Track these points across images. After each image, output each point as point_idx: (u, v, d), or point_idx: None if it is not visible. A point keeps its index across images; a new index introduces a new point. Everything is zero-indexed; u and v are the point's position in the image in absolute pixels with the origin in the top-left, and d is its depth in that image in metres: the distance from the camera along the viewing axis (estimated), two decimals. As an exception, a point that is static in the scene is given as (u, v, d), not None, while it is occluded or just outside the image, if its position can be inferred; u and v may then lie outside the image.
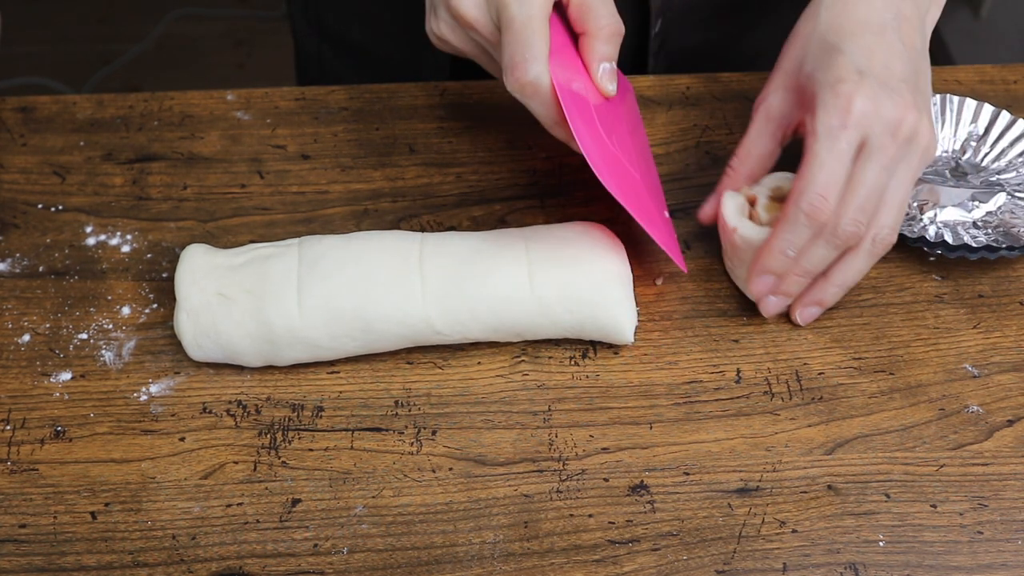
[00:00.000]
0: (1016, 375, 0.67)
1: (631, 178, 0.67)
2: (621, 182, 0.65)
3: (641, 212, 0.65)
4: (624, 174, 0.66)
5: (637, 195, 0.66)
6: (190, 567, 0.59)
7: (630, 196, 0.65)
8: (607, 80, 0.67)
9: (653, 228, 0.66)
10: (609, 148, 0.65)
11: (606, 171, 0.63)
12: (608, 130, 0.67)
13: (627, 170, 0.67)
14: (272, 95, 0.82)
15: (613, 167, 0.65)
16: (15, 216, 0.75)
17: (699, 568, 0.59)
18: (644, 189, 0.68)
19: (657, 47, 0.86)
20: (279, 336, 0.64)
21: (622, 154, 0.67)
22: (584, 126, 0.63)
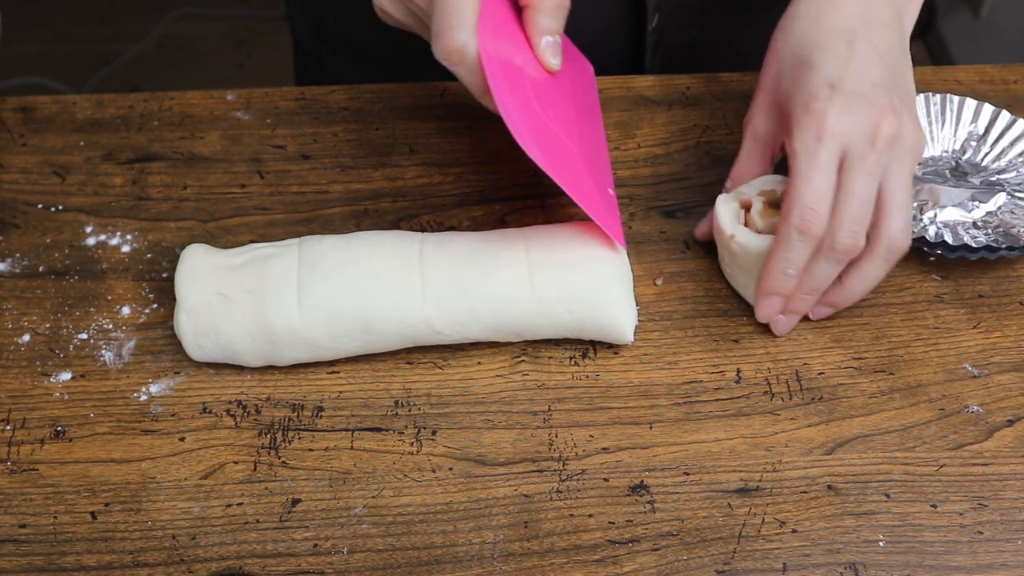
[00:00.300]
0: (1016, 375, 0.67)
1: (565, 151, 0.66)
2: (550, 152, 0.64)
3: (570, 182, 0.64)
4: (557, 146, 0.65)
5: (572, 170, 0.65)
6: (190, 567, 0.59)
7: (559, 167, 0.64)
8: (550, 54, 0.67)
9: (587, 202, 0.65)
10: (542, 120, 0.64)
11: (531, 140, 0.62)
12: (546, 103, 0.66)
13: (562, 143, 0.66)
14: (272, 95, 0.82)
15: (543, 138, 0.64)
16: (15, 216, 0.75)
17: (699, 568, 0.59)
18: (582, 163, 0.67)
19: (654, 42, 0.86)
20: (279, 336, 0.64)
21: (559, 128, 0.66)
22: (511, 95, 0.62)
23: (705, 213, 0.74)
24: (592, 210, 0.65)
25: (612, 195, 0.71)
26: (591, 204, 0.65)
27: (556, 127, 0.66)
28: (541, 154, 0.62)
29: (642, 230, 0.74)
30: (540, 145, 0.62)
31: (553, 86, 0.68)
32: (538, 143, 0.62)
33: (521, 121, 0.62)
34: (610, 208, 0.69)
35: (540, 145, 0.62)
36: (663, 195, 0.76)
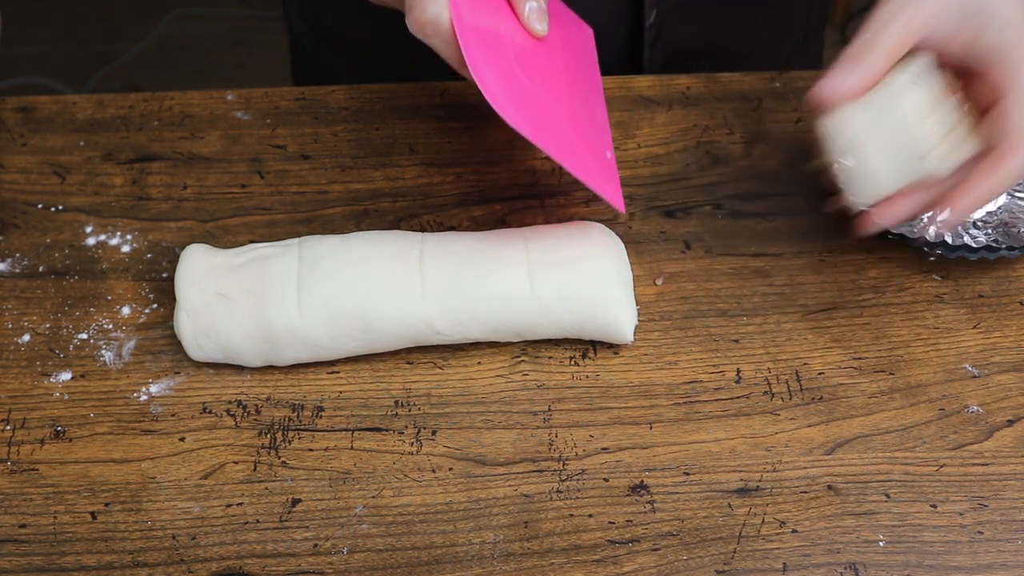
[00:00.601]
0: (1016, 375, 0.67)
1: (554, 117, 0.65)
2: (535, 119, 0.63)
3: (564, 152, 0.63)
4: (545, 113, 0.64)
5: (562, 136, 0.65)
6: (190, 567, 0.59)
7: (546, 133, 0.63)
8: (535, 19, 0.66)
9: (578, 168, 0.64)
10: (530, 89, 0.64)
11: (515, 111, 0.61)
12: (532, 71, 0.65)
13: (550, 109, 0.65)
14: (272, 95, 0.82)
15: (527, 105, 0.63)
16: (15, 216, 0.75)
17: (699, 568, 0.59)
18: (574, 131, 0.66)
19: (652, 39, 0.86)
20: (279, 336, 0.64)
21: (550, 96, 0.65)
22: (488, 64, 0.62)
23: (705, 213, 0.75)
24: (583, 174, 0.64)
25: (611, 159, 0.69)
26: (583, 169, 0.64)
27: (544, 94, 0.65)
28: (524, 121, 0.61)
29: (642, 230, 0.74)
30: (523, 112, 0.62)
31: (542, 53, 0.67)
32: (520, 110, 0.62)
33: (499, 89, 0.61)
34: (607, 172, 0.68)
35: (523, 112, 0.62)
36: (663, 195, 0.76)
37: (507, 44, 0.64)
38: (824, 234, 0.74)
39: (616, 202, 0.66)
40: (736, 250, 0.73)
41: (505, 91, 0.62)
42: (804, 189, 0.76)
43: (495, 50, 0.63)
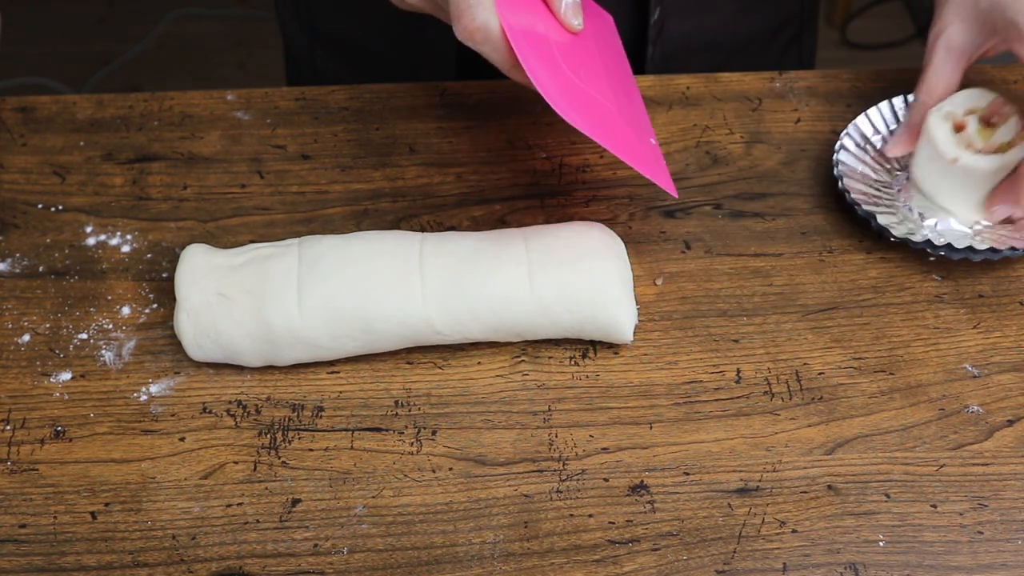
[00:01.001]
0: (1016, 375, 0.67)
1: (605, 112, 0.66)
2: (592, 117, 0.63)
3: (618, 144, 0.64)
4: (597, 109, 0.65)
5: (612, 128, 0.65)
6: (190, 567, 0.59)
7: (603, 130, 0.63)
8: (571, 15, 0.66)
9: (633, 158, 0.64)
10: (576, 84, 0.64)
11: (571, 109, 0.61)
12: (576, 66, 0.65)
13: (600, 104, 0.65)
14: (272, 95, 0.82)
15: (581, 103, 0.63)
16: (15, 216, 0.75)
17: (699, 568, 0.59)
18: (622, 121, 0.67)
19: (655, 35, 0.86)
20: (279, 336, 0.64)
21: (594, 89, 0.66)
22: (542, 65, 0.62)
23: (705, 213, 0.75)
24: (641, 166, 0.65)
25: (655, 144, 0.70)
26: (639, 160, 0.65)
27: (590, 88, 0.65)
28: (582, 120, 0.62)
29: (642, 230, 0.74)
30: (578, 111, 0.62)
31: (579, 46, 0.67)
32: (576, 109, 0.62)
33: (556, 89, 0.61)
34: (656, 160, 0.69)
35: (578, 111, 0.62)
36: (663, 195, 0.76)
37: (550, 42, 0.64)
38: (824, 234, 0.74)
39: (669, 187, 0.67)
40: (736, 250, 0.73)
41: (560, 90, 0.62)
42: (804, 189, 0.76)
43: (542, 50, 0.63)
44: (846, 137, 0.75)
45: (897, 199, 0.73)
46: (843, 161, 0.74)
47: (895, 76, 0.83)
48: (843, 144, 0.74)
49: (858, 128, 0.76)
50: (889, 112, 0.77)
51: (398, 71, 0.89)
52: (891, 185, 0.74)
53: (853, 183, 0.73)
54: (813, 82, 0.83)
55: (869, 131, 0.76)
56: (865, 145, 0.76)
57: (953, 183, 0.70)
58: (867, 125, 0.76)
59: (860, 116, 0.76)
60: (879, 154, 0.75)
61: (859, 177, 0.74)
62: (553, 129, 0.79)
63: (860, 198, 0.72)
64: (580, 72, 0.65)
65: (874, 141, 0.76)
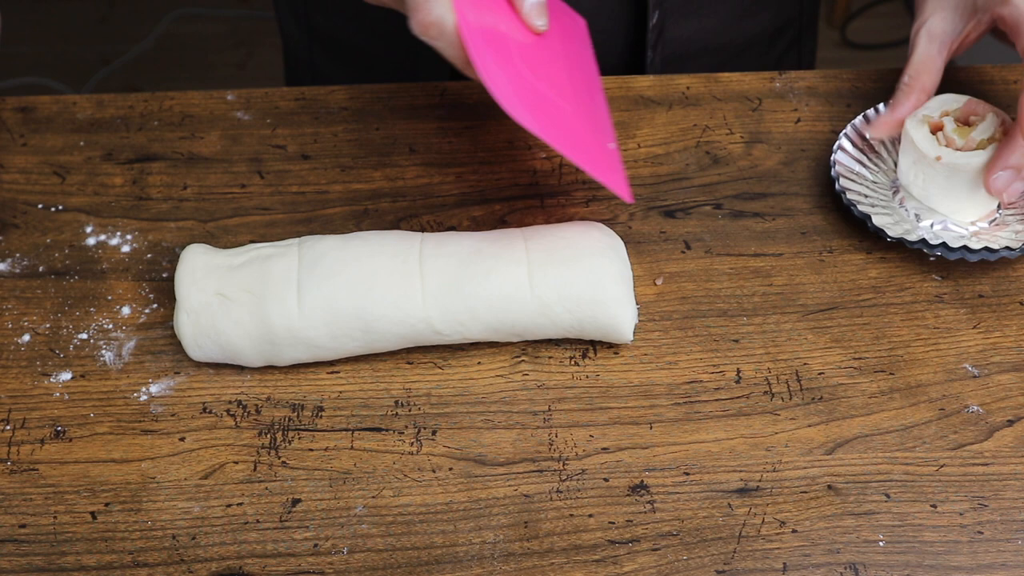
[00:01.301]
0: (1016, 375, 0.67)
1: (562, 114, 0.65)
2: (545, 118, 0.63)
3: (570, 147, 0.63)
4: (553, 111, 0.64)
5: (568, 130, 0.65)
6: (190, 567, 0.59)
7: (557, 132, 0.63)
8: (535, 15, 0.66)
9: (586, 160, 0.64)
10: (534, 85, 0.64)
11: (523, 108, 0.61)
12: (536, 67, 0.65)
13: (557, 106, 0.65)
14: (272, 95, 0.82)
15: (536, 104, 0.63)
16: (15, 216, 0.75)
17: (699, 568, 0.59)
18: (580, 124, 0.66)
19: (655, 38, 0.87)
20: (279, 336, 0.64)
21: (553, 91, 0.65)
22: (496, 64, 0.62)
23: (705, 213, 0.75)
24: (593, 170, 0.64)
25: (614, 149, 0.69)
26: (592, 164, 0.64)
27: (548, 89, 0.65)
28: (533, 120, 0.61)
29: (642, 230, 0.74)
30: (531, 111, 0.62)
31: (542, 47, 0.67)
32: (528, 109, 0.62)
33: (508, 89, 0.61)
34: (613, 164, 0.68)
35: (531, 111, 0.62)
36: (663, 195, 0.76)
37: (509, 41, 0.64)
38: (824, 234, 0.74)
39: (623, 193, 0.66)
40: (736, 250, 0.73)
41: (513, 89, 0.62)
42: (804, 189, 0.76)
43: (499, 49, 0.63)
44: (843, 138, 0.75)
45: (893, 200, 0.73)
46: (840, 161, 0.74)
47: (895, 76, 0.83)
48: (840, 145, 0.75)
49: (855, 129, 0.76)
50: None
51: (395, 71, 0.89)
52: (887, 186, 0.74)
53: (850, 184, 0.73)
54: (813, 82, 0.83)
55: (866, 132, 0.76)
56: (862, 146, 0.76)
57: (940, 184, 0.70)
58: (864, 126, 0.76)
59: (858, 117, 0.76)
60: (876, 155, 0.76)
61: (856, 178, 0.74)
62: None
63: (857, 199, 0.72)
64: (540, 73, 0.65)
65: (872, 141, 0.76)
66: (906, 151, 0.72)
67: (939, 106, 0.71)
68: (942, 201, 0.71)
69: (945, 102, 0.71)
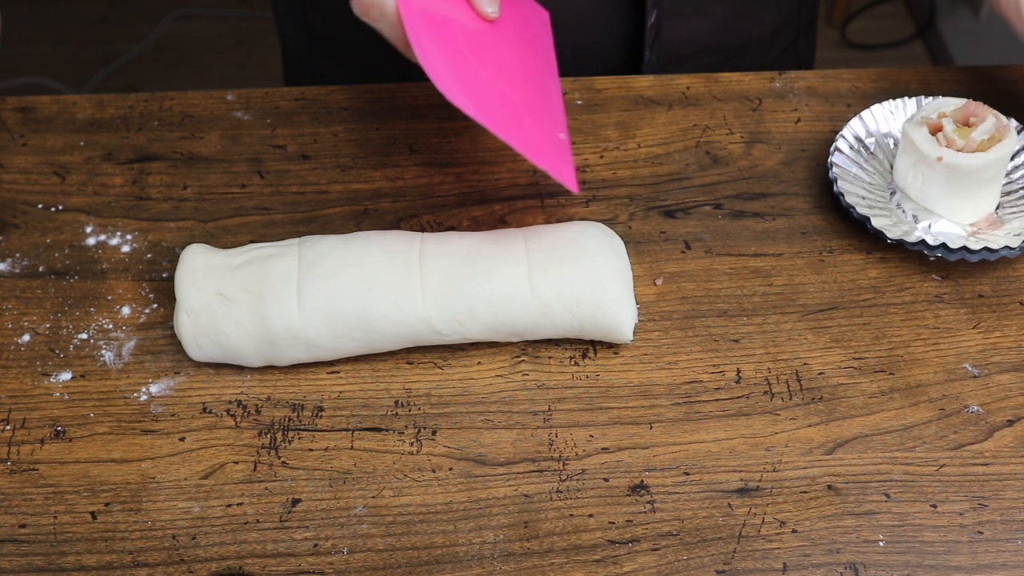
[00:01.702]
0: (1016, 375, 0.67)
1: (507, 101, 0.65)
2: (487, 104, 0.63)
3: (513, 134, 0.63)
4: (497, 98, 0.64)
5: (512, 117, 0.65)
6: (190, 567, 0.59)
7: (498, 118, 0.63)
8: (486, 3, 0.67)
9: (529, 148, 0.64)
10: (475, 70, 0.64)
11: (461, 93, 0.61)
12: (482, 53, 0.65)
13: (500, 92, 0.65)
14: (272, 95, 0.82)
15: (478, 90, 0.63)
16: (15, 216, 0.75)
17: (699, 568, 0.59)
18: (528, 113, 0.66)
19: (652, 38, 0.87)
20: (279, 336, 0.64)
21: (498, 77, 0.65)
22: (437, 47, 0.62)
23: (705, 213, 0.75)
24: (535, 156, 0.64)
25: (564, 139, 0.69)
26: (535, 151, 0.64)
27: (495, 77, 0.65)
28: (469, 101, 0.61)
29: (642, 230, 0.74)
30: (469, 94, 0.62)
31: (494, 35, 0.67)
32: (467, 92, 0.62)
33: (446, 71, 0.61)
34: (560, 152, 0.67)
35: (469, 94, 0.62)
36: (663, 195, 0.76)
37: (456, 27, 0.64)
38: (824, 234, 0.74)
39: (567, 181, 0.65)
40: (736, 250, 0.73)
41: (451, 72, 0.62)
42: (804, 189, 0.76)
43: (443, 33, 0.63)
44: (841, 139, 0.75)
45: (890, 202, 0.73)
46: (837, 163, 0.74)
47: (895, 76, 0.83)
48: (837, 147, 0.75)
49: (852, 130, 0.76)
50: (883, 113, 0.77)
51: (394, 71, 0.89)
52: (884, 188, 0.74)
53: (848, 185, 0.73)
54: (813, 82, 0.83)
55: (863, 133, 0.76)
56: (859, 148, 0.76)
57: (939, 185, 0.70)
58: (861, 127, 0.76)
59: (855, 118, 0.76)
60: (872, 156, 0.76)
61: (853, 179, 0.74)
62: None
63: (855, 201, 0.72)
64: (487, 61, 0.65)
65: (868, 143, 0.76)
66: (905, 152, 0.71)
67: (937, 108, 0.71)
68: (940, 202, 0.71)
69: (943, 104, 0.71)
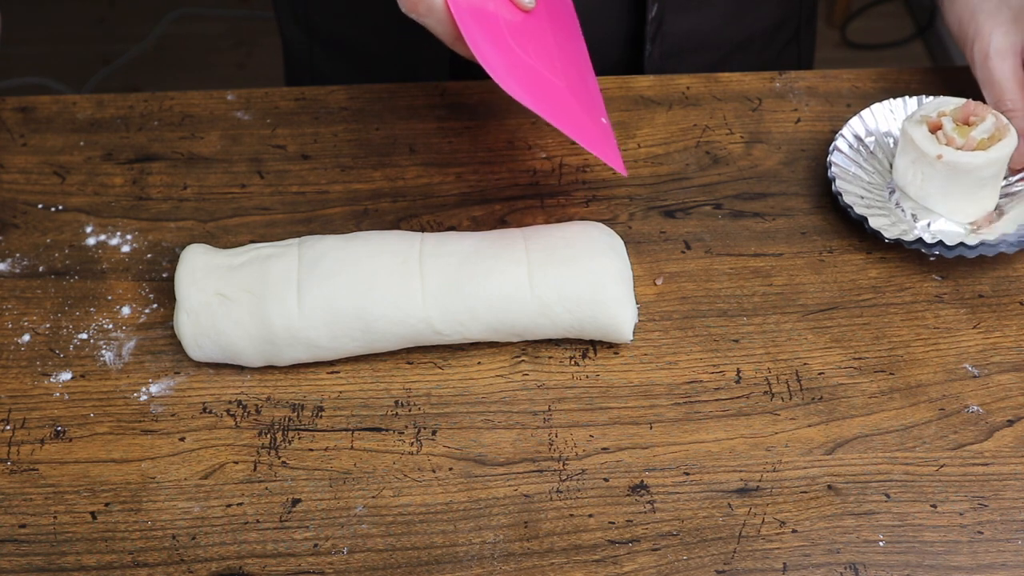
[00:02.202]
0: (1016, 375, 0.67)
1: (554, 89, 0.66)
2: (539, 93, 0.64)
3: (565, 121, 0.64)
4: (545, 86, 0.65)
5: (561, 105, 0.65)
6: (190, 567, 0.59)
7: (550, 106, 0.64)
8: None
9: (580, 134, 0.64)
10: (524, 62, 0.64)
11: (516, 84, 0.62)
12: (525, 44, 0.66)
13: (549, 82, 0.66)
14: (272, 95, 0.82)
15: (528, 80, 0.64)
16: (15, 216, 0.75)
17: (699, 568, 0.59)
18: (573, 99, 0.67)
19: (653, 32, 0.87)
20: (279, 336, 0.64)
21: (544, 67, 0.66)
22: (487, 40, 0.62)
23: (705, 213, 0.75)
24: (590, 144, 0.64)
25: (606, 124, 0.70)
26: (587, 137, 0.65)
27: (539, 65, 0.66)
28: (527, 94, 0.62)
29: (642, 230, 0.74)
30: (524, 86, 0.62)
31: (531, 25, 0.67)
32: (522, 84, 0.62)
33: (500, 64, 0.62)
34: (606, 138, 0.68)
35: (524, 86, 0.62)
36: (663, 195, 0.76)
37: (498, 18, 0.65)
38: (824, 234, 0.74)
39: (618, 166, 0.66)
40: (736, 250, 0.73)
41: (504, 64, 0.62)
42: (804, 189, 0.76)
43: (489, 25, 0.63)
44: (840, 139, 0.75)
45: (889, 201, 0.73)
46: (836, 163, 0.74)
47: (895, 76, 0.83)
48: (836, 146, 0.75)
49: (852, 129, 0.76)
50: (883, 112, 0.77)
51: (395, 71, 0.89)
52: (883, 187, 0.74)
53: (846, 184, 0.73)
54: (813, 82, 0.83)
55: (862, 132, 0.76)
56: (859, 147, 0.76)
57: (939, 183, 0.70)
58: (860, 126, 0.76)
59: (854, 117, 0.76)
60: (872, 155, 0.76)
61: (851, 179, 0.74)
62: (553, 129, 0.79)
63: (853, 200, 0.72)
64: (530, 50, 0.66)
65: (867, 143, 0.76)
66: (904, 151, 0.71)
67: (936, 107, 0.71)
68: (940, 201, 0.71)
69: (942, 103, 0.71)
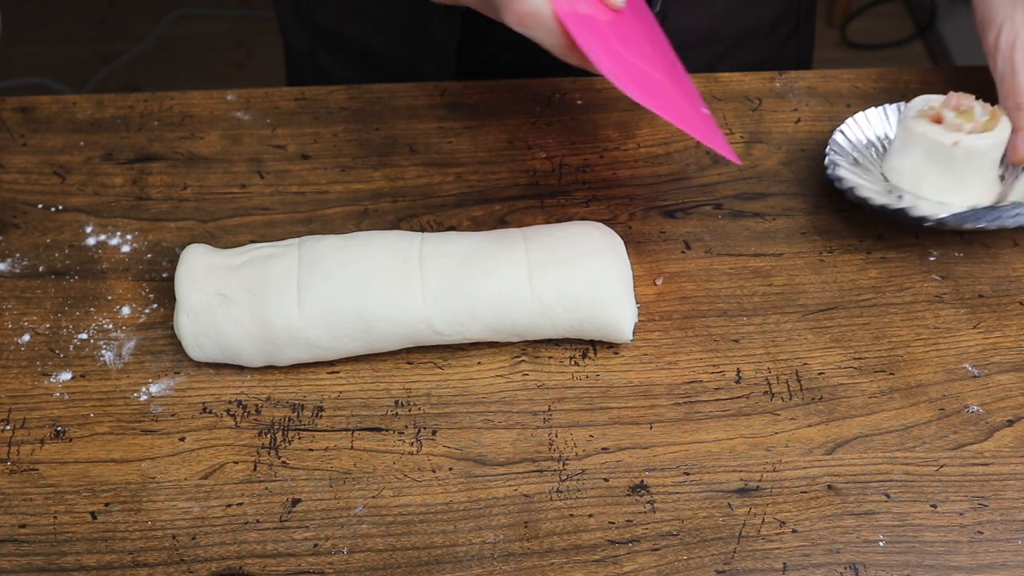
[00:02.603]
0: (1016, 375, 0.67)
1: (660, 85, 0.66)
2: (651, 92, 0.64)
3: (680, 116, 0.64)
4: (652, 83, 0.65)
5: (671, 100, 0.65)
6: (190, 567, 0.59)
7: (664, 103, 0.64)
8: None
9: (695, 130, 0.65)
10: (629, 61, 0.64)
11: (632, 85, 0.62)
12: (625, 43, 0.66)
13: (654, 78, 0.66)
14: (272, 95, 0.82)
15: (638, 79, 0.64)
16: (15, 216, 0.75)
17: (699, 568, 0.59)
18: (677, 92, 0.67)
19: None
20: (279, 336, 0.64)
21: (645, 64, 0.66)
22: (597, 45, 0.62)
23: (705, 213, 0.75)
24: (704, 137, 0.64)
25: (708, 114, 0.70)
26: (699, 131, 0.65)
27: (642, 63, 0.66)
28: (645, 96, 0.62)
29: (642, 230, 0.74)
30: (639, 86, 0.62)
31: (622, 23, 0.67)
32: (637, 85, 0.62)
33: (615, 68, 0.62)
34: (713, 128, 0.69)
35: (639, 86, 0.62)
36: (663, 195, 0.76)
37: (598, 21, 0.65)
38: (824, 234, 0.74)
39: (731, 155, 0.66)
40: (736, 250, 0.73)
41: (619, 68, 0.62)
42: (804, 189, 0.76)
43: (593, 29, 0.63)
44: (838, 133, 0.75)
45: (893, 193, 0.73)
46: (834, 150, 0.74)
47: (895, 76, 0.83)
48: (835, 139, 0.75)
49: (854, 125, 0.76)
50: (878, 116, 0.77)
51: (399, 70, 0.89)
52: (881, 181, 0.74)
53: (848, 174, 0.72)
54: (813, 82, 0.83)
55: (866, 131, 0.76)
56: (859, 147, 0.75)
57: (957, 171, 0.70)
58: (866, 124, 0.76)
59: (852, 117, 0.76)
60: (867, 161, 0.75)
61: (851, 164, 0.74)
62: (553, 129, 0.80)
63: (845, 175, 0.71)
64: (629, 48, 0.65)
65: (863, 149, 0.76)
66: (910, 149, 0.71)
67: (923, 104, 0.71)
68: (954, 191, 0.70)
69: (928, 100, 0.72)
